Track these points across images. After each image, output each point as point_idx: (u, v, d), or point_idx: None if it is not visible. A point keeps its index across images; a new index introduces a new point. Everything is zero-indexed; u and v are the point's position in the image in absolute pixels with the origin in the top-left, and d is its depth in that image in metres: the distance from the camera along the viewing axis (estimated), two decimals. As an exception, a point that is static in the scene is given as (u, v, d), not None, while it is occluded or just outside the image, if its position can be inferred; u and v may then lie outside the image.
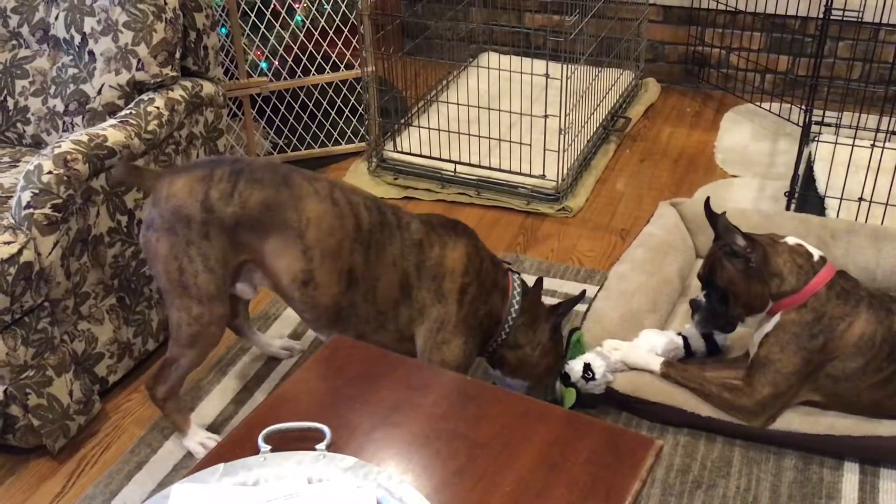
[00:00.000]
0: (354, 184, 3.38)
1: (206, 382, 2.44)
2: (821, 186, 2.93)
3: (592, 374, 2.19)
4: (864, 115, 3.44)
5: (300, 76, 3.44)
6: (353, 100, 3.58)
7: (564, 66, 3.00)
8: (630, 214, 3.21)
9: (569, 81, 3.02)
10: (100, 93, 2.41)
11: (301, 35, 3.42)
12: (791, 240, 2.15)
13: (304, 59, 3.43)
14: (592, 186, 3.37)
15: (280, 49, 3.40)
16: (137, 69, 2.39)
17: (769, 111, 3.84)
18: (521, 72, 3.21)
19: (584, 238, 3.08)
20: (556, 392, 2.24)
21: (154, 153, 2.35)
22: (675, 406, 2.19)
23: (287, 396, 1.53)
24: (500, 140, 3.29)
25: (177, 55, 2.47)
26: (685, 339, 2.31)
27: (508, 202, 3.25)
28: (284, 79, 3.43)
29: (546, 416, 1.47)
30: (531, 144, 3.22)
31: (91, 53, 2.42)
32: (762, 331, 2.14)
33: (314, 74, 3.45)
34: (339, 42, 3.46)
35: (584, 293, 2.18)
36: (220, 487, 1.29)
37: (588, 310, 2.42)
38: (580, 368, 2.21)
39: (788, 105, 3.78)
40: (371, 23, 3.28)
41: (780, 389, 2.10)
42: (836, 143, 2.86)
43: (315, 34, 3.43)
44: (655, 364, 2.22)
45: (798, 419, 2.14)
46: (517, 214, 3.21)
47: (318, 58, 3.44)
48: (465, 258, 2.06)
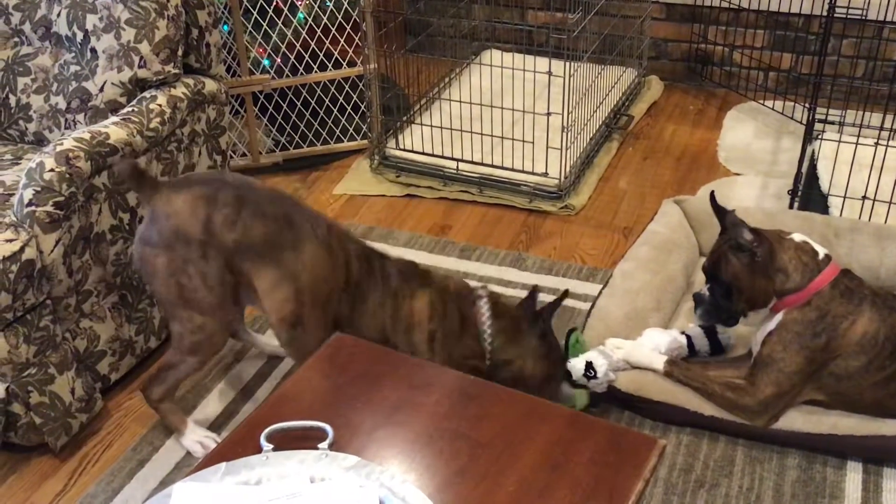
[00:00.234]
0: (357, 182, 3.40)
1: (208, 381, 2.44)
2: (824, 185, 2.92)
3: (594, 373, 2.19)
4: (868, 113, 3.43)
5: (302, 73, 3.43)
6: (356, 97, 3.58)
7: (567, 64, 3.00)
8: (633, 212, 3.20)
9: (571, 79, 3.02)
10: (102, 90, 2.40)
11: (303, 32, 3.41)
12: (797, 237, 2.14)
13: (307, 57, 3.42)
14: (595, 184, 3.36)
15: (282, 46, 3.39)
16: (140, 66, 2.38)
17: (772, 109, 3.83)
18: (524, 69, 3.20)
19: (587, 236, 3.08)
20: (563, 396, 2.22)
21: (156, 151, 2.34)
22: (678, 405, 2.19)
23: (289, 395, 1.52)
24: (503, 138, 3.28)
25: (179, 52, 2.46)
26: (689, 339, 2.31)
27: (511, 200, 3.24)
28: (287, 76, 3.43)
29: (549, 416, 1.47)
30: (534, 142, 3.21)
31: (93, 51, 2.42)
32: (765, 329, 2.14)
33: (316, 72, 3.45)
34: (342, 39, 3.45)
35: (567, 293, 2.14)
36: (223, 486, 1.29)
37: (592, 308, 2.42)
38: (582, 367, 2.20)
39: (792, 103, 3.77)
40: (373, 20, 3.27)
41: (783, 388, 2.09)
42: (840, 142, 2.85)
43: (317, 31, 3.42)
44: (659, 363, 2.22)
45: (801, 419, 2.13)
46: (519, 212, 3.21)
47: (321, 55, 3.44)
48: (429, 307, 2.09)
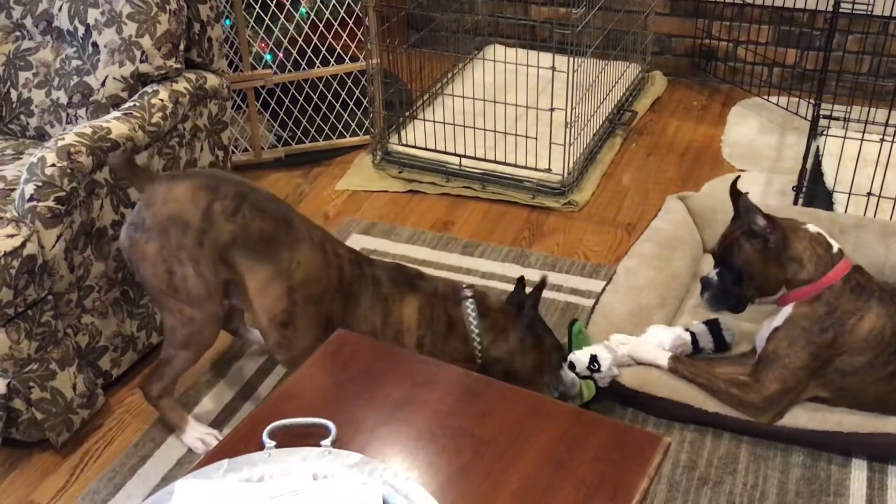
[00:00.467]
0: (359, 178, 3.39)
1: (210, 378, 2.44)
2: (829, 181, 2.91)
3: (598, 367, 2.19)
4: (874, 110, 3.41)
5: (305, 68, 3.42)
6: (358, 92, 3.56)
7: (570, 59, 2.99)
8: (636, 209, 3.19)
9: (575, 74, 3.01)
10: (103, 85, 2.39)
11: (306, 27, 3.40)
12: (812, 227, 2.12)
13: (309, 52, 3.41)
14: (598, 180, 3.35)
15: (284, 41, 3.38)
16: (141, 61, 2.37)
17: (777, 105, 3.82)
18: (527, 64, 3.19)
19: (590, 232, 3.07)
20: (567, 382, 2.21)
21: (158, 146, 2.33)
22: (683, 402, 2.18)
23: (292, 392, 1.52)
24: (506, 133, 3.27)
25: (181, 47, 2.45)
26: (693, 335, 2.30)
27: (514, 196, 3.23)
28: (289, 71, 3.42)
29: (552, 413, 1.46)
30: (537, 138, 3.20)
31: (95, 45, 2.41)
32: (770, 325, 2.13)
33: (319, 67, 3.44)
34: (344, 34, 3.44)
35: (545, 281, 2.14)
36: (225, 483, 1.28)
37: (596, 304, 2.41)
38: (586, 360, 2.20)
39: (796, 99, 3.75)
40: (376, 15, 3.26)
41: (788, 385, 2.08)
42: (845, 138, 2.84)
43: (320, 26, 3.41)
44: (663, 359, 2.21)
45: (806, 416, 2.12)
46: (522, 208, 3.20)
47: (323, 50, 3.43)
48: (418, 313, 2.11)
